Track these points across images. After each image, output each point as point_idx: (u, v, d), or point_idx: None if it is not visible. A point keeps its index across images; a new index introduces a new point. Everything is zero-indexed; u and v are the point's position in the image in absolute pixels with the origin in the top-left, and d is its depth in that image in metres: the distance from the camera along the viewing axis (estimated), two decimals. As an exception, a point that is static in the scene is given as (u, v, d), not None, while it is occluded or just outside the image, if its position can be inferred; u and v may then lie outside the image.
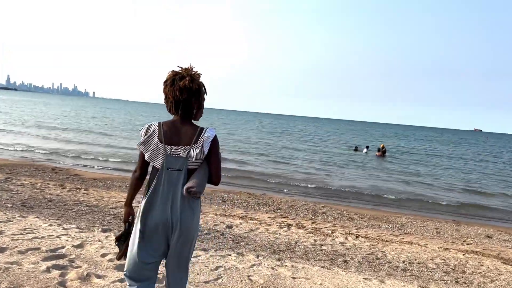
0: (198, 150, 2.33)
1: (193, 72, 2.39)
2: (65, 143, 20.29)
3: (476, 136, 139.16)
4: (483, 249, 7.08)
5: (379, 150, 27.98)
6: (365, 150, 29.79)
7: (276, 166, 18.50)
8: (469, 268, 5.76)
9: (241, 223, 7.22)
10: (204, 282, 3.98)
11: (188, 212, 2.35)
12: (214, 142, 2.40)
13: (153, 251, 2.40)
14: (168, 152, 2.33)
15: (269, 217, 8.06)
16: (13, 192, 7.89)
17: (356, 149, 31.77)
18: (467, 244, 7.44)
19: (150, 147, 2.35)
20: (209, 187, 11.14)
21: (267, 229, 6.95)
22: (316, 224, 7.82)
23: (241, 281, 4.14)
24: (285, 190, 12.74)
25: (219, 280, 4.09)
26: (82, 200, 7.88)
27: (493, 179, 20.47)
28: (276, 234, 6.70)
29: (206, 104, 2.58)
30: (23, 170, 11.23)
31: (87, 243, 4.84)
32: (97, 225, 6.03)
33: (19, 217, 5.90)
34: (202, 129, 2.39)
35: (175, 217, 2.33)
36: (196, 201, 2.41)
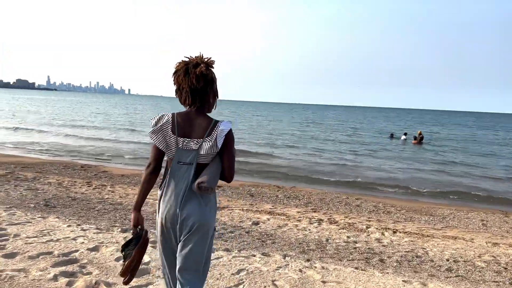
0: (210, 144, 2.21)
1: (206, 59, 2.26)
2: (95, 141, 20.50)
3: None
4: (538, 243, 6.38)
5: (415, 138, 26.82)
6: (403, 137, 28.61)
7: (307, 157, 17.98)
8: (524, 266, 5.14)
9: (268, 219, 6.82)
10: (223, 289, 3.61)
11: (197, 207, 2.23)
12: (229, 136, 2.26)
13: (171, 248, 2.32)
14: (180, 146, 2.23)
15: (298, 212, 7.62)
16: (38, 191, 7.80)
17: (392, 137, 30.67)
18: (519, 237, 6.76)
19: (163, 138, 2.25)
20: (236, 180, 10.83)
21: (296, 225, 6.52)
22: (349, 219, 7.32)
23: (265, 287, 3.75)
24: (316, 182, 12.24)
25: (240, 287, 3.71)
26: (107, 198, 7.71)
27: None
28: (305, 230, 6.26)
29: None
30: (52, 168, 11.25)
31: (103, 245, 4.58)
32: (118, 225, 5.79)
33: (39, 217, 5.74)
34: (217, 121, 2.27)
35: (183, 213, 2.22)
36: (207, 196, 2.27)
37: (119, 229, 5.44)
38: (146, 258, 4.26)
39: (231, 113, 68.77)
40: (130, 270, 2.31)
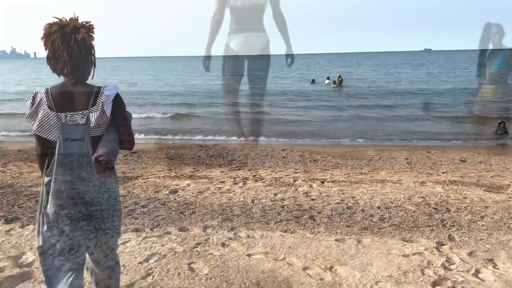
0: (98, 113, 2.01)
1: (85, 23, 2.01)
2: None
3: (426, 55, 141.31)
4: (461, 176, 6.39)
5: (334, 82, 27.09)
6: (326, 81, 28.80)
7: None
8: (452, 204, 5.01)
9: (188, 185, 6.13)
10: (126, 286, 2.92)
11: (98, 186, 2.04)
12: (117, 101, 2.08)
13: (65, 236, 2.07)
14: (63, 121, 2.00)
15: (222, 172, 7.03)
16: None
17: (313, 82, 30.84)
18: (443, 173, 6.75)
19: (40, 118, 2.02)
20: (153, 144, 9.97)
21: (219, 188, 5.91)
22: (276, 173, 6.87)
23: (179, 274, 3.12)
24: (241, 137, 11.69)
25: (149, 279, 3.05)
26: (-6, 181, 6.51)
27: (450, 98, 20.22)
28: (229, 193, 5.68)
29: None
30: None
31: (-26, 247, 3.65)
32: (2, 214, 4.78)
33: None
34: (100, 88, 2.07)
35: (82, 195, 2.01)
36: (108, 173, 2.06)
37: (2, 220, 4.47)
38: (30, 257, 3.44)
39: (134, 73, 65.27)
40: None
